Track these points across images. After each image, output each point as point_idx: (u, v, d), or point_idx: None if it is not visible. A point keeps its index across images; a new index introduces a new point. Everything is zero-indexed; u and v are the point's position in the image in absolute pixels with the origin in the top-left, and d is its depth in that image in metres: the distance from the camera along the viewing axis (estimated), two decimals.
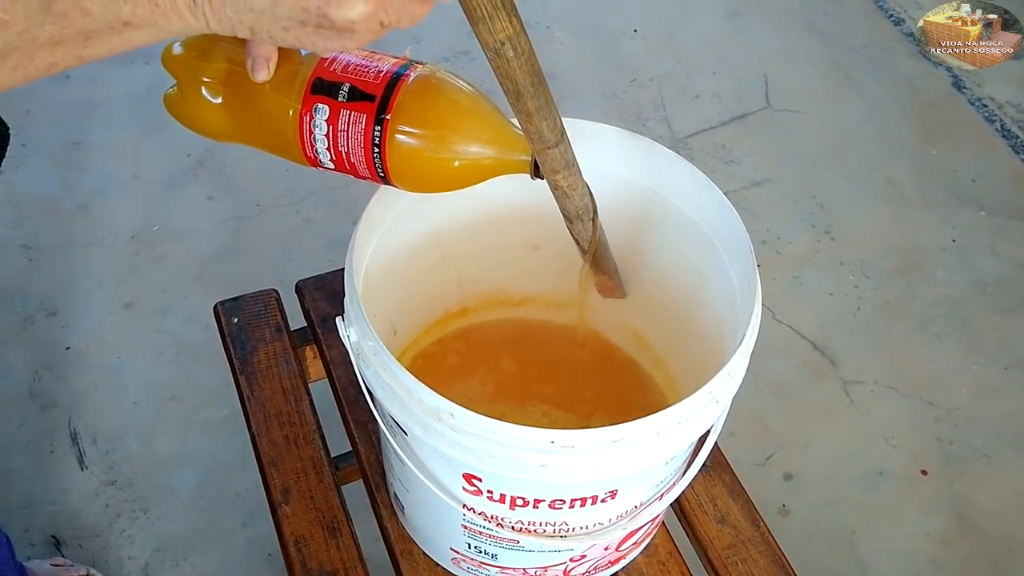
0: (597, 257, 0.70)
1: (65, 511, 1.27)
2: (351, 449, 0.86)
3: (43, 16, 0.39)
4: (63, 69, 0.43)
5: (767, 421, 1.42)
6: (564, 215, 0.65)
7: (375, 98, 0.56)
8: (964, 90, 1.95)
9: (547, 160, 0.58)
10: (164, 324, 1.48)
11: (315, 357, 0.92)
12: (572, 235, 0.68)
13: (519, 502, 0.62)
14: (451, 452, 0.58)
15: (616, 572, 0.77)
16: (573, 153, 0.60)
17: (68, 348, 1.44)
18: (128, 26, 0.41)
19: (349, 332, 0.62)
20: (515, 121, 0.57)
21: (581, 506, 0.63)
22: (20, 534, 1.23)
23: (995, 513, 1.34)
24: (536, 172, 0.60)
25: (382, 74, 0.57)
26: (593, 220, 0.66)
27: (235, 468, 1.32)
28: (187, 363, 1.43)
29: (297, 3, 0.41)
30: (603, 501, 0.63)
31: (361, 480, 0.85)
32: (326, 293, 0.93)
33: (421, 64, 0.58)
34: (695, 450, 0.68)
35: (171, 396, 1.40)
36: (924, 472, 1.38)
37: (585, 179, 0.63)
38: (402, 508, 0.76)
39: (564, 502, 0.62)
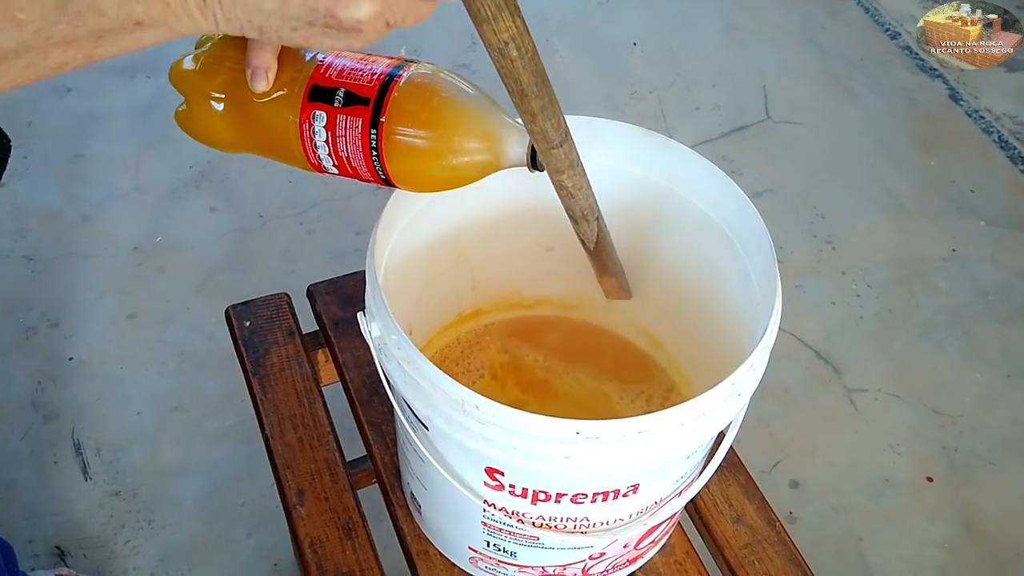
0: (602, 257, 0.70)
1: (69, 522, 1.26)
2: (365, 452, 0.85)
3: (58, 16, 0.39)
4: (73, 68, 0.43)
5: (773, 429, 1.42)
6: (569, 215, 0.65)
7: (369, 101, 0.56)
8: (961, 102, 1.97)
9: (552, 160, 0.58)
10: (167, 335, 1.48)
11: (327, 361, 0.92)
12: (578, 235, 0.68)
13: (541, 496, 0.62)
14: (474, 445, 0.58)
15: (633, 572, 0.77)
16: (577, 153, 0.60)
17: (71, 359, 1.43)
18: (140, 26, 0.42)
19: (371, 327, 0.62)
20: (508, 116, 0.57)
21: (603, 500, 0.62)
22: (24, 545, 1.22)
23: (1002, 519, 1.34)
24: (534, 164, 0.60)
25: (375, 76, 0.56)
26: (598, 220, 0.66)
27: (240, 478, 1.31)
28: (190, 373, 1.43)
29: (306, 4, 0.41)
30: (624, 496, 0.63)
31: (375, 484, 0.84)
32: (338, 297, 0.93)
33: (415, 63, 0.58)
34: (713, 447, 0.68)
35: (175, 406, 1.39)
36: (930, 479, 1.38)
37: (590, 178, 0.63)
38: (419, 508, 0.76)
39: (586, 496, 0.62)
